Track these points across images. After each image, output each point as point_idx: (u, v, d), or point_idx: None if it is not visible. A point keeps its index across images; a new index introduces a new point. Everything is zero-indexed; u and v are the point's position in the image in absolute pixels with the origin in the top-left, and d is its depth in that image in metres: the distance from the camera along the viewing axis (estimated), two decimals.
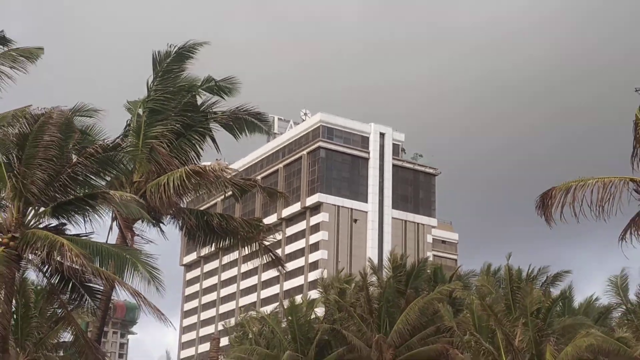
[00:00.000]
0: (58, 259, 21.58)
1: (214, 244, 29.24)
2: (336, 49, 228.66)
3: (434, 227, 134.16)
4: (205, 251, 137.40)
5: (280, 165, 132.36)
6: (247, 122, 28.45)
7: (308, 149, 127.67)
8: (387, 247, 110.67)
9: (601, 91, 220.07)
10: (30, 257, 22.57)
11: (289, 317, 50.39)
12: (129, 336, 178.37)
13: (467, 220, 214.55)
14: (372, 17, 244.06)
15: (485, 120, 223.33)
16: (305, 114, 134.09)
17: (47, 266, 23.07)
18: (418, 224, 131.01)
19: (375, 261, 62.03)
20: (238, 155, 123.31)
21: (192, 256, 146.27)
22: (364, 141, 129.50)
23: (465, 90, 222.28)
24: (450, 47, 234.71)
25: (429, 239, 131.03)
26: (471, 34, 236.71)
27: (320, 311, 53.81)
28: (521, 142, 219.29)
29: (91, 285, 24.25)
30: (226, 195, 30.65)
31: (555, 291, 43.57)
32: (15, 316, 36.46)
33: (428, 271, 51.15)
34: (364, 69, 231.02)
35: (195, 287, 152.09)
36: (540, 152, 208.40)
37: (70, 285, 23.95)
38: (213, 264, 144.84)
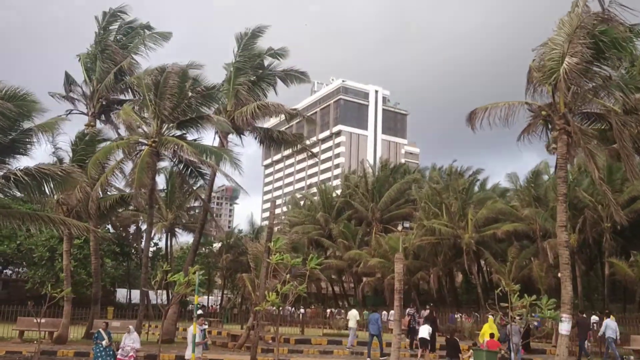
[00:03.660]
0: (181, 153, 23.16)
1: (276, 148, 31.35)
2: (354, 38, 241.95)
3: (405, 144, 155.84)
4: (275, 158, 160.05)
5: (318, 108, 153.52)
6: (295, 77, 29.01)
7: (334, 100, 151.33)
8: (378, 155, 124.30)
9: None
10: (165, 153, 23.90)
11: (321, 195, 56.36)
12: (234, 205, 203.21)
13: (425, 140, 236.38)
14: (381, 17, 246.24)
15: (439, 85, 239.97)
16: (332, 79, 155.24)
17: (175, 158, 24.93)
18: (397, 143, 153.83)
19: (372, 163, 69.31)
20: (295, 103, 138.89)
21: (268, 160, 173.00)
22: (365, 95, 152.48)
23: (429, 71, 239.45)
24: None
25: (402, 151, 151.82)
26: None
27: (338, 191, 60.45)
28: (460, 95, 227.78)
29: (202, 169, 26.07)
30: (282, 119, 32.06)
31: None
32: (166, 191, 42.32)
33: (402, 169, 57.47)
34: (371, 51, 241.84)
35: (269, 178, 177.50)
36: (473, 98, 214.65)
37: (190, 170, 26.05)
38: (279, 165, 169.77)
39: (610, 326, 21.58)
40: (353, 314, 25.20)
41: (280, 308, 14.71)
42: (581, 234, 35.22)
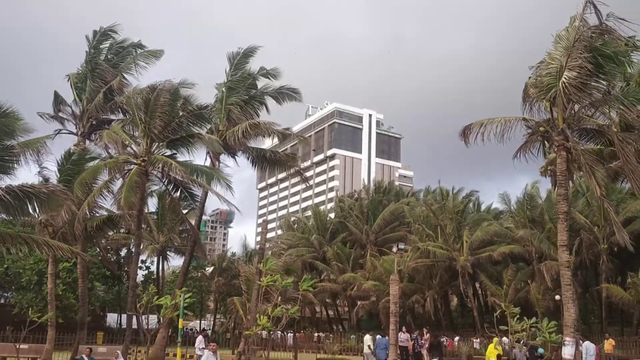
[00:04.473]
0: (170, 173, 22.58)
1: (270, 170, 30.47)
2: (345, 64, 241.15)
3: (399, 168, 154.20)
4: (269, 181, 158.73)
5: (313, 132, 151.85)
6: (287, 95, 28.41)
7: (328, 123, 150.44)
8: (372, 178, 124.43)
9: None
10: (154, 172, 23.53)
11: (315, 217, 55.19)
12: (229, 229, 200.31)
13: (418, 163, 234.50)
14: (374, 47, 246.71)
15: (432, 110, 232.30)
16: (326, 103, 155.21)
17: (164, 178, 24.34)
18: (390, 166, 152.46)
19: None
20: (289, 127, 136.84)
21: (262, 184, 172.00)
22: (359, 119, 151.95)
23: (421, 93, 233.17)
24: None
25: (396, 174, 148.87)
26: None
27: (332, 215, 59.56)
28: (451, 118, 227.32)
29: (192, 190, 25.58)
30: (275, 143, 32.28)
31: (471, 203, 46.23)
32: (156, 214, 41.72)
33: (396, 191, 56.96)
34: (364, 74, 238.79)
35: (264, 201, 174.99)
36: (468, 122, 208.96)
37: (180, 190, 25.37)
38: (274, 189, 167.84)
39: (589, 349, 20.45)
40: (366, 339, 25.52)
41: (271, 332, 13.90)
42: (577, 255, 34.49)
